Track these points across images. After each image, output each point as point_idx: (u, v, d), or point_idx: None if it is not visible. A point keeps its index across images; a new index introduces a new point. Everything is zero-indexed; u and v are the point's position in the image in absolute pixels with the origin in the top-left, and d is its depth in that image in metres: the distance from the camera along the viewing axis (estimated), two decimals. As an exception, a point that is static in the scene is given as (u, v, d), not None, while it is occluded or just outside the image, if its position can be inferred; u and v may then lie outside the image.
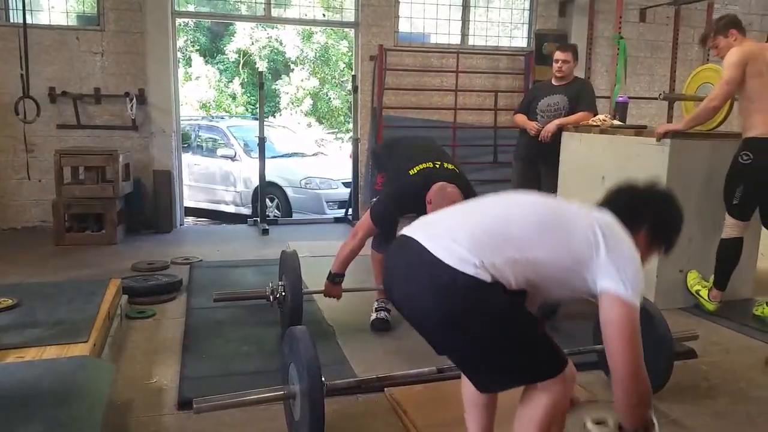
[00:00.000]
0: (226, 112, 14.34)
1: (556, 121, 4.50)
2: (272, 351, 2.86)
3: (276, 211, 7.62)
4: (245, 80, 15.04)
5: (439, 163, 3.05)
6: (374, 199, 3.45)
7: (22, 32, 4.74)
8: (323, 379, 1.98)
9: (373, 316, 3.28)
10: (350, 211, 6.43)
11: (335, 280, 3.14)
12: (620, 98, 4.72)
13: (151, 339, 3.12)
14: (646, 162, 3.73)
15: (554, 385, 1.57)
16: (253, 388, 2.09)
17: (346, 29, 7.99)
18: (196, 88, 14.28)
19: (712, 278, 3.65)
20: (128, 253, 4.82)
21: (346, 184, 7.23)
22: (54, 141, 5.52)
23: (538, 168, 4.75)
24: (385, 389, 2.47)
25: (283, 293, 3.07)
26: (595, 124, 4.31)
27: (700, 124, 3.69)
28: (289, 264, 3.09)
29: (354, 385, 2.26)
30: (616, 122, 4.31)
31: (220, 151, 8.35)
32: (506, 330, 1.53)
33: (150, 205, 5.83)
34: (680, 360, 2.71)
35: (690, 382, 2.70)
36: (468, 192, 2.97)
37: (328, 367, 2.20)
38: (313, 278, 4.07)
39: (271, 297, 3.10)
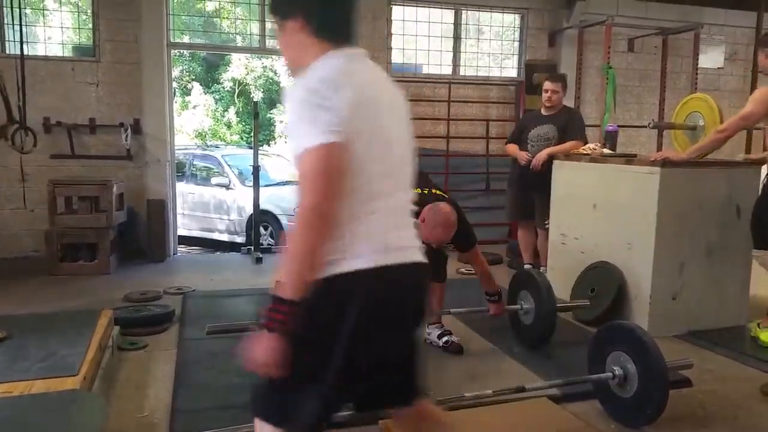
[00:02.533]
0: (222, 140, 14.42)
1: (547, 150, 4.56)
2: (265, 383, 2.83)
3: (270, 239, 7.61)
4: (240, 109, 15.16)
5: (427, 189, 3.10)
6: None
7: (19, 63, 4.78)
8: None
9: (446, 339, 3.31)
10: (344, 239, 6.41)
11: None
12: (610, 127, 4.79)
13: (143, 371, 3.08)
14: (636, 190, 3.77)
15: None
16: (245, 423, 2.07)
17: (339, 59, 8.11)
18: (192, 117, 14.39)
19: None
20: (121, 283, 4.79)
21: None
22: (48, 171, 5.52)
23: (531, 196, 4.79)
24: (380, 422, 2.44)
25: None
26: (585, 152, 4.36)
27: (706, 154, 3.69)
28: None
29: (348, 420, 2.23)
30: (606, 151, 4.37)
31: (214, 180, 8.36)
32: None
33: (143, 234, 5.82)
34: (675, 389, 2.69)
35: (686, 411, 2.69)
36: (459, 211, 3.01)
37: (322, 400, 2.18)
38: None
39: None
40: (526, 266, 4.87)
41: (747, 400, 2.84)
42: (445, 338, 3.32)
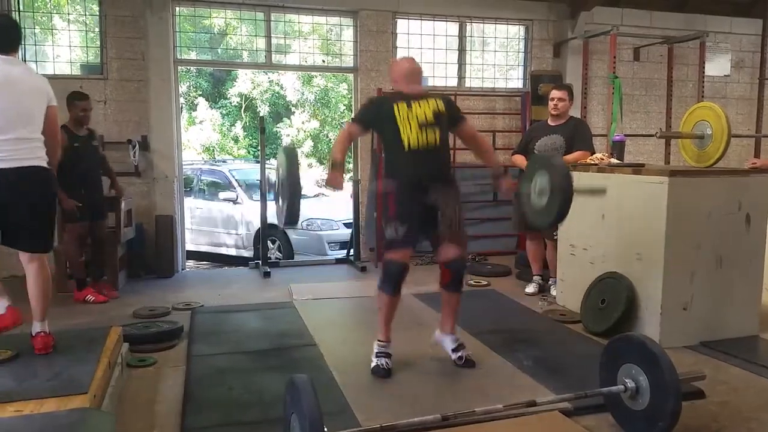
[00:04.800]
0: (229, 154, 14.50)
1: (554, 161, 4.54)
2: (274, 400, 2.82)
3: (278, 253, 7.63)
4: (247, 123, 15.25)
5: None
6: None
7: None
8: (325, 429, 1.95)
9: (374, 362, 3.21)
10: (352, 251, 6.42)
11: (337, 164, 3.15)
12: (617, 137, 4.78)
13: (152, 388, 3.08)
14: (645, 199, 3.75)
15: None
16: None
17: (345, 74, 8.16)
18: (199, 132, 14.48)
19: None
20: (130, 299, 4.80)
21: (347, 225, 7.25)
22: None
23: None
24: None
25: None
26: (593, 162, 4.35)
27: None
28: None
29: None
30: (614, 161, 4.35)
31: (221, 195, 8.40)
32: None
33: (152, 250, 5.84)
34: (688, 401, 2.66)
35: (699, 423, 2.65)
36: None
37: (331, 417, 2.17)
38: (316, 325, 4.06)
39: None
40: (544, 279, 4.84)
41: (760, 411, 2.80)
42: (459, 353, 3.27)
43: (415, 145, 3.10)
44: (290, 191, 3.03)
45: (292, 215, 3.03)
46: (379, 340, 3.26)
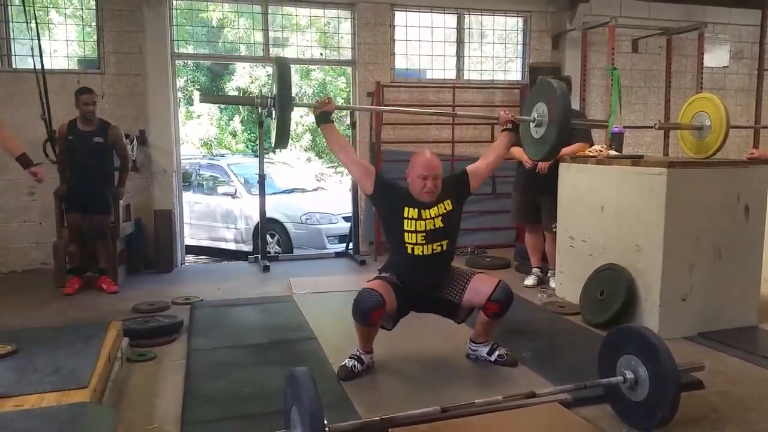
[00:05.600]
0: (227, 149, 14.48)
1: (553, 153, 4.53)
2: (274, 393, 2.82)
3: (277, 247, 7.62)
4: (245, 118, 15.20)
5: None
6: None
7: (34, 77, 5.03)
8: (325, 421, 1.96)
9: (343, 361, 3.10)
10: (351, 245, 6.43)
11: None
12: (616, 129, 4.76)
13: (152, 382, 3.08)
14: (644, 191, 3.75)
15: None
16: (254, 433, 2.06)
17: (343, 67, 8.13)
18: (197, 127, 14.43)
19: None
20: (129, 294, 4.80)
21: (346, 219, 7.25)
22: (54, 183, 5.54)
23: (537, 199, 4.78)
24: (389, 430, 2.43)
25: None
26: (591, 154, 4.35)
27: None
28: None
29: (357, 428, 2.22)
30: (613, 152, 4.35)
31: (220, 189, 8.40)
32: None
33: (151, 245, 5.83)
34: (687, 391, 2.67)
35: (698, 414, 2.66)
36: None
37: (331, 409, 2.18)
38: (315, 318, 4.06)
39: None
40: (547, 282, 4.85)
41: (760, 401, 2.81)
42: (496, 353, 3.20)
43: (420, 252, 3.01)
44: (280, 105, 2.93)
45: (282, 132, 2.94)
46: (357, 348, 3.13)
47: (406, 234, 3.00)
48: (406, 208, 3.00)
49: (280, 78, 2.97)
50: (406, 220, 2.99)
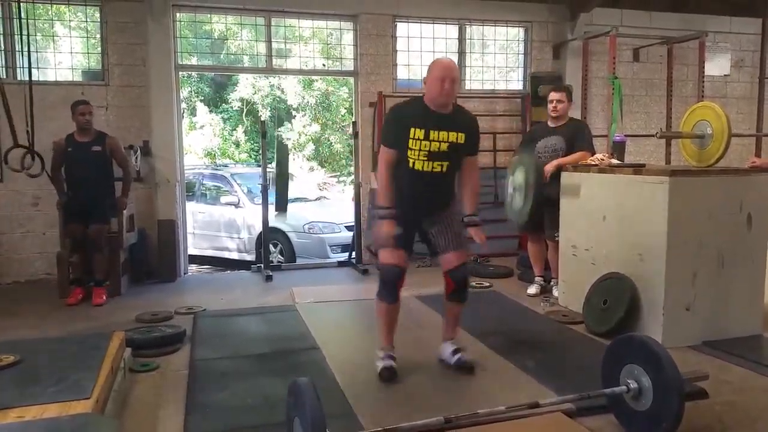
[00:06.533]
0: (231, 159, 14.53)
1: (555, 162, 4.55)
2: (277, 403, 2.82)
3: (280, 256, 7.63)
4: (248, 128, 15.27)
5: None
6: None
7: (40, 89, 4.97)
8: (328, 432, 1.95)
9: (379, 365, 3.19)
10: (354, 254, 6.43)
11: (386, 215, 3.07)
12: (617, 137, 4.78)
13: (154, 393, 3.08)
14: (646, 200, 3.75)
15: None
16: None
17: (346, 77, 8.18)
18: (201, 137, 14.50)
19: None
20: (132, 304, 4.80)
21: (348, 228, 7.25)
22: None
23: (540, 208, 4.77)
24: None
25: None
26: (593, 163, 4.35)
27: None
28: None
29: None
30: (614, 161, 4.35)
31: (223, 199, 8.42)
32: None
33: (154, 255, 5.85)
34: (691, 401, 2.66)
35: (703, 423, 2.64)
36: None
37: (334, 420, 2.17)
38: (318, 328, 4.06)
39: None
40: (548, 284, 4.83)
41: (766, 411, 2.80)
42: (457, 356, 3.26)
43: (420, 167, 3.09)
44: (279, 181, 3.08)
45: (281, 201, 3.08)
46: (381, 349, 3.22)
47: (410, 151, 3.08)
48: (413, 129, 3.07)
49: (279, 160, 3.15)
50: (411, 140, 3.07)
